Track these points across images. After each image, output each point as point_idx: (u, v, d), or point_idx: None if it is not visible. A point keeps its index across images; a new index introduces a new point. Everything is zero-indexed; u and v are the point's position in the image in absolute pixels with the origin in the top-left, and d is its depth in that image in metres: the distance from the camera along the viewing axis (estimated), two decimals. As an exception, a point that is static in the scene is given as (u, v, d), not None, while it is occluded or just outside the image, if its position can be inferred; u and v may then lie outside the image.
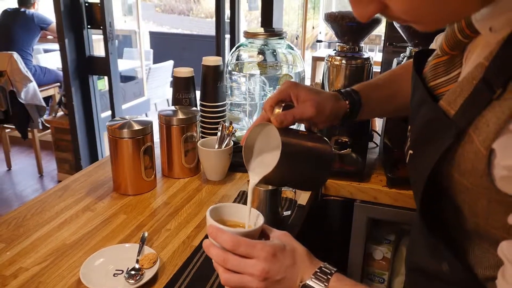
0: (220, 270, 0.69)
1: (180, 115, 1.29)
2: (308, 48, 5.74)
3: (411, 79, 0.78)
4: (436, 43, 1.01)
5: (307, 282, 0.66)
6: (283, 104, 0.82)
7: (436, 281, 0.70)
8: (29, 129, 3.73)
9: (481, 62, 0.57)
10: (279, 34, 1.52)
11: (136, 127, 1.18)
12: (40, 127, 3.74)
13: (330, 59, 1.30)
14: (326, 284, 0.65)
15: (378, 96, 0.96)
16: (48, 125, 3.64)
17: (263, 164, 0.76)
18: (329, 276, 0.66)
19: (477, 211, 0.59)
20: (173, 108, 1.35)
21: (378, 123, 1.65)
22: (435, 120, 0.63)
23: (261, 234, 0.73)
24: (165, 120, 1.29)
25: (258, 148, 0.79)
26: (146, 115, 4.57)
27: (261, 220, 0.73)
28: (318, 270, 0.67)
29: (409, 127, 0.75)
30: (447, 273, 0.66)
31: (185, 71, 1.42)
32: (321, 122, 0.86)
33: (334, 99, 0.87)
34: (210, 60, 1.43)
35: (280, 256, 0.67)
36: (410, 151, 0.71)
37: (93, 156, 3.36)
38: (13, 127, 3.76)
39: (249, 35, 1.51)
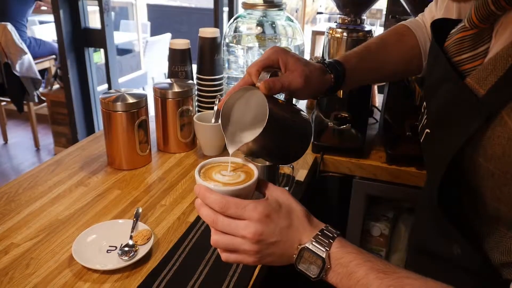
0: (212, 231, 0.64)
1: (176, 88, 1.25)
2: (308, 23, 5.65)
3: (430, 52, 0.72)
4: (424, 13, 0.97)
5: (307, 245, 0.60)
6: (270, 71, 0.74)
7: (444, 264, 0.68)
8: (25, 102, 3.69)
9: None
10: (278, 5, 1.47)
11: (130, 100, 1.15)
12: (36, 100, 3.68)
13: (331, 31, 1.26)
14: (328, 249, 0.59)
15: (363, 67, 0.90)
16: (44, 98, 3.59)
17: (242, 132, 0.70)
18: (331, 240, 0.60)
19: (501, 197, 0.56)
20: (168, 81, 1.31)
21: (379, 99, 1.62)
22: (461, 99, 0.58)
23: (257, 189, 0.66)
24: (160, 94, 1.25)
25: (237, 113, 0.71)
26: (144, 89, 4.52)
27: (255, 174, 0.67)
28: (320, 233, 0.60)
29: (424, 103, 0.70)
30: (458, 256, 0.64)
31: (181, 43, 1.38)
32: (304, 94, 0.80)
33: (320, 72, 0.82)
34: (207, 32, 1.39)
35: (275, 217, 0.61)
36: (427, 130, 0.67)
37: (90, 130, 3.33)
38: (9, 100, 3.72)
39: (248, 6, 1.47)
